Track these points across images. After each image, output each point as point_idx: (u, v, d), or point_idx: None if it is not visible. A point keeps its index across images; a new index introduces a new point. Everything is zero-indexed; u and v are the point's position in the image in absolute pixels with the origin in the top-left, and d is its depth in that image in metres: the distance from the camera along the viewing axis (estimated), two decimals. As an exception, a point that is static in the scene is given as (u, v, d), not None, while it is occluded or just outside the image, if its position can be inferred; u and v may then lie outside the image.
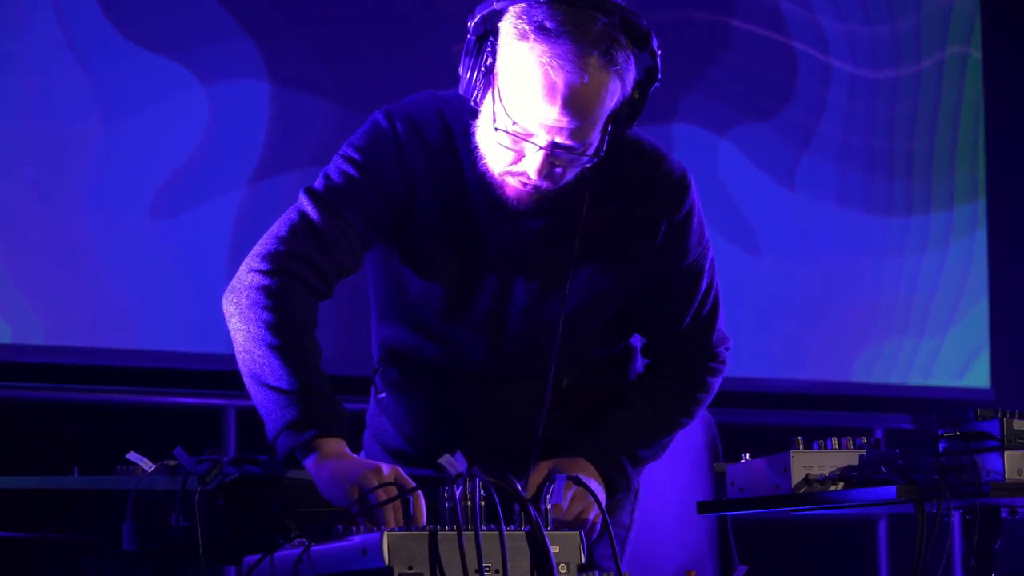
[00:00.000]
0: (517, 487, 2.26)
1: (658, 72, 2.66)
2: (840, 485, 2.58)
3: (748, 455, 2.69)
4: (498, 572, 2.18)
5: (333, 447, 2.55)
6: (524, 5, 2.59)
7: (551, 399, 2.77)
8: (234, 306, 2.67)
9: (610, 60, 2.57)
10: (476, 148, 2.68)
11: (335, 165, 2.76)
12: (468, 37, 2.64)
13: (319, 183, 2.75)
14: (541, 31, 2.56)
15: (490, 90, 2.63)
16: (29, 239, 4.67)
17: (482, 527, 2.19)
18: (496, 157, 2.65)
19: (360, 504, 2.40)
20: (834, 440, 2.62)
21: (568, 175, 2.66)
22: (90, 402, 4.81)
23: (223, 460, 2.64)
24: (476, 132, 2.68)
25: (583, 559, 2.28)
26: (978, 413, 2.48)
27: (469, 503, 2.22)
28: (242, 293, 2.66)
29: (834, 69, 5.89)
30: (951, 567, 5.28)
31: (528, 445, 2.76)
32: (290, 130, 4.98)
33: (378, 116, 2.78)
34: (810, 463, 2.60)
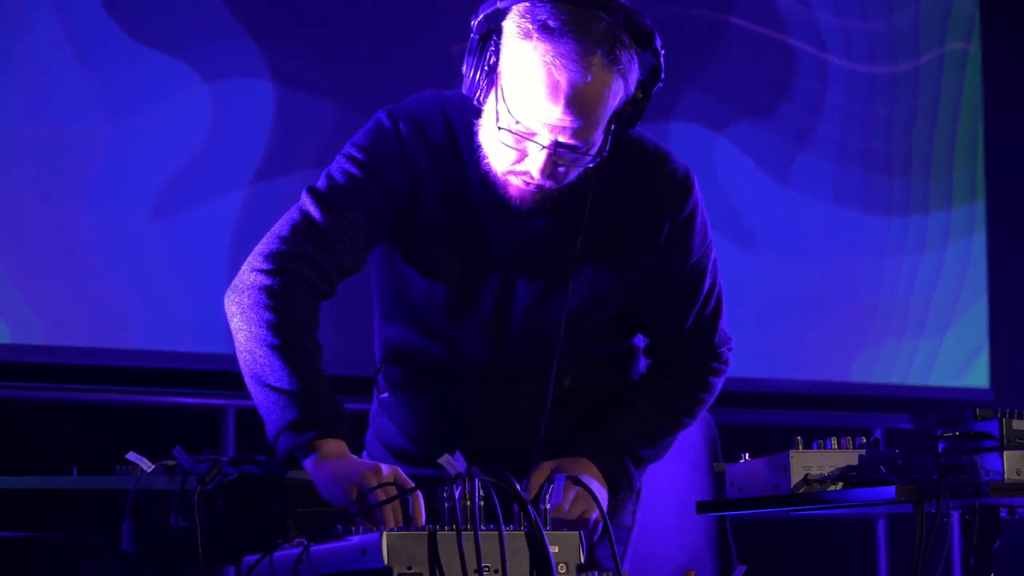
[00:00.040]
0: (516, 487, 2.25)
1: (661, 72, 2.65)
2: (839, 485, 2.57)
3: (747, 455, 2.68)
4: (497, 572, 2.18)
5: (333, 448, 2.55)
6: (528, 4, 2.58)
7: (553, 399, 2.77)
8: (236, 305, 2.66)
9: (613, 59, 2.57)
10: (479, 147, 2.68)
11: (338, 164, 2.75)
12: (471, 36, 2.64)
13: (322, 182, 2.74)
14: (544, 30, 2.56)
15: (493, 89, 2.62)
16: (29, 239, 4.66)
17: (481, 527, 2.19)
18: (499, 156, 2.65)
19: (359, 504, 2.40)
20: (833, 440, 2.62)
21: (571, 174, 2.65)
22: (89, 402, 4.81)
23: (222, 460, 2.64)
24: (479, 131, 2.67)
25: (582, 559, 2.28)
26: (977, 413, 2.48)
27: (468, 503, 2.22)
28: (244, 293, 2.66)
29: (832, 65, 5.88)
30: (950, 567, 5.28)
31: (531, 445, 2.76)
32: (291, 130, 4.98)
33: (381, 115, 2.77)
34: (809, 463, 2.60)
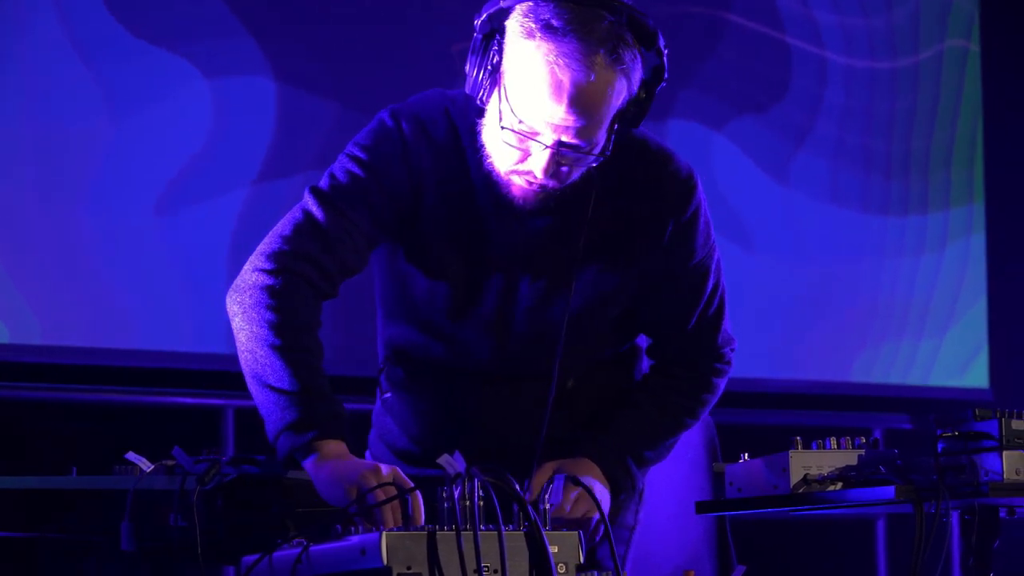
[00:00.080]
0: (515, 487, 2.25)
1: (664, 71, 2.65)
2: (839, 485, 2.57)
3: (746, 455, 2.68)
4: (497, 572, 2.18)
5: (333, 448, 2.55)
6: (531, 3, 2.58)
7: (556, 399, 2.76)
8: (237, 305, 2.66)
9: (616, 59, 2.56)
10: (482, 147, 2.67)
11: (340, 164, 2.75)
12: (475, 35, 2.63)
13: (324, 182, 2.73)
14: (548, 29, 2.55)
15: (496, 89, 2.62)
16: (28, 239, 4.66)
17: (481, 527, 2.19)
18: (502, 156, 2.64)
19: (358, 504, 2.40)
20: (833, 440, 2.62)
21: (574, 174, 2.65)
22: (89, 402, 4.81)
23: (221, 460, 2.64)
24: (482, 131, 2.67)
25: (582, 559, 2.28)
26: (976, 413, 2.48)
27: (468, 503, 2.22)
28: (245, 292, 2.66)
29: (831, 62, 5.88)
30: (949, 567, 5.28)
31: (533, 445, 2.75)
32: (291, 130, 4.98)
33: (384, 115, 2.76)
34: (809, 463, 2.60)
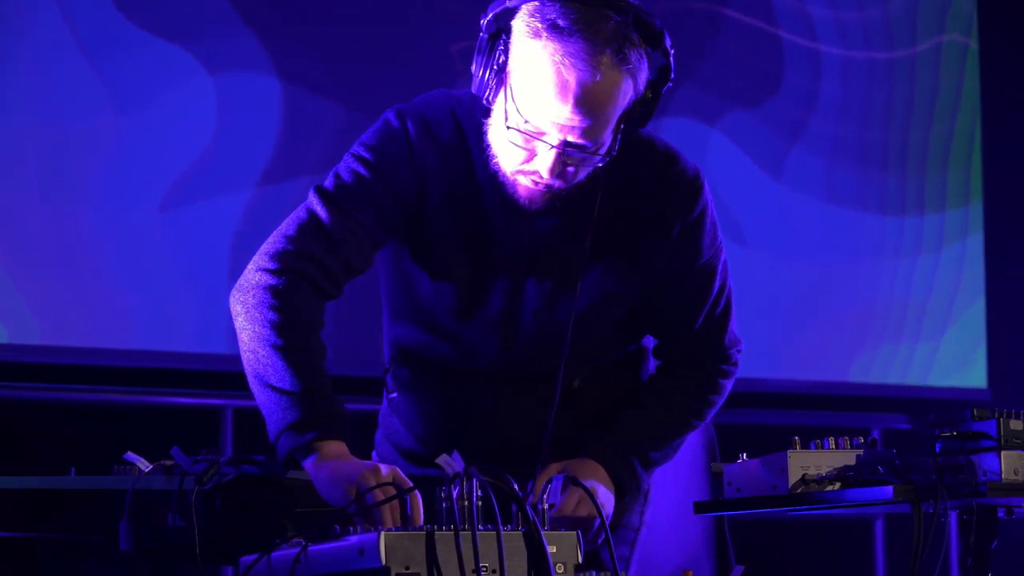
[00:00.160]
0: (514, 487, 2.25)
1: (671, 71, 2.64)
2: (837, 485, 2.57)
3: (745, 455, 2.68)
4: (495, 572, 2.18)
5: (333, 448, 2.55)
6: (537, 3, 2.57)
7: (562, 399, 2.76)
8: (240, 304, 2.66)
9: (623, 59, 2.56)
10: (488, 147, 2.67)
11: (346, 164, 2.74)
12: (480, 35, 2.63)
13: (329, 182, 2.73)
14: (554, 29, 2.55)
15: (502, 88, 2.61)
16: (28, 239, 4.66)
17: (479, 527, 2.19)
18: (508, 156, 2.64)
19: (357, 504, 2.40)
20: (831, 440, 2.62)
21: (580, 174, 2.65)
22: (88, 402, 4.81)
23: (220, 460, 2.64)
24: (488, 131, 2.67)
25: (580, 559, 2.28)
26: (975, 413, 2.48)
27: (466, 503, 2.22)
28: (249, 292, 2.66)
29: (829, 55, 5.88)
30: (948, 567, 5.29)
31: (538, 445, 2.76)
32: (294, 131, 4.98)
33: (390, 115, 2.76)
34: (807, 463, 2.60)
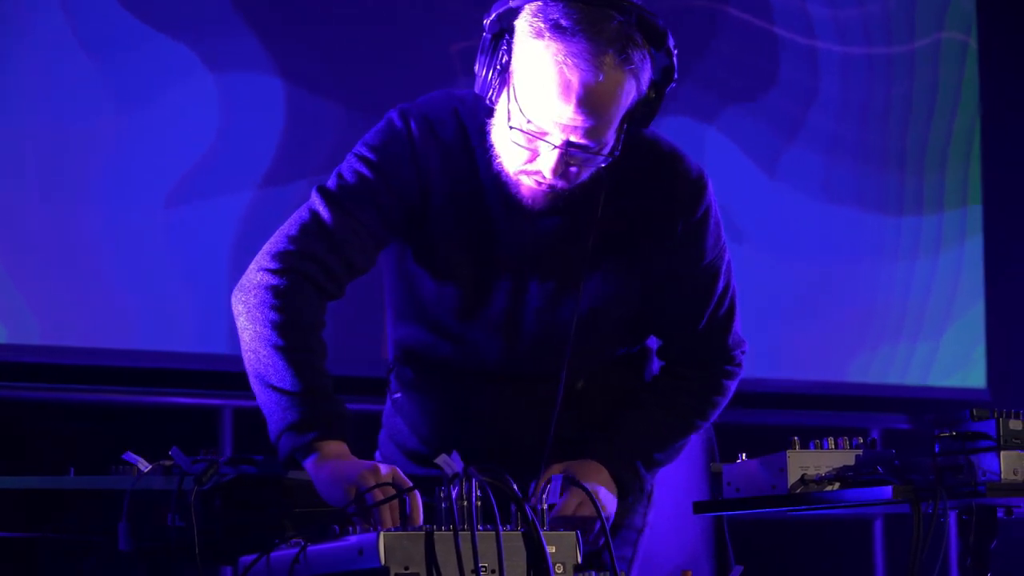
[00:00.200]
0: (513, 487, 2.25)
1: (674, 71, 2.65)
2: (836, 485, 2.57)
3: (744, 455, 2.68)
4: (494, 572, 2.18)
5: (333, 449, 2.55)
6: (540, 3, 2.57)
7: (565, 399, 2.77)
8: (242, 304, 2.66)
9: (626, 59, 2.56)
10: (491, 147, 2.67)
11: (348, 164, 2.74)
12: (484, 35, 2.63)
13: (332, 182, 2.73)
14: (557, 29, 2.55)
15: (505, 88, 2.61)
16: (28, 238, 4.66)
17: (479, 527, 2.19)
18: (511, 156, 2.64)
19: (356, 504, 2.40)
20: (830, 440, 2.62)
21: (583, 174, 2.64)
22: (87, 402, 4.81)
23: (219, 460, 2.64)
24: (491, 131, 2.67)
25: (579, 559, 2.28)
26: (974, 413, 2.48)
27: (466, 503, 2.22)
28: (250, 292, 2.66)
29: (827, 52, 5.87)
30: (947, 567, 5.28)
31: (542, 445, 2.76)
32: (295, 131, 4.97)
33: (393, 115, 2.76)
34: (806, 463, 2.60)
